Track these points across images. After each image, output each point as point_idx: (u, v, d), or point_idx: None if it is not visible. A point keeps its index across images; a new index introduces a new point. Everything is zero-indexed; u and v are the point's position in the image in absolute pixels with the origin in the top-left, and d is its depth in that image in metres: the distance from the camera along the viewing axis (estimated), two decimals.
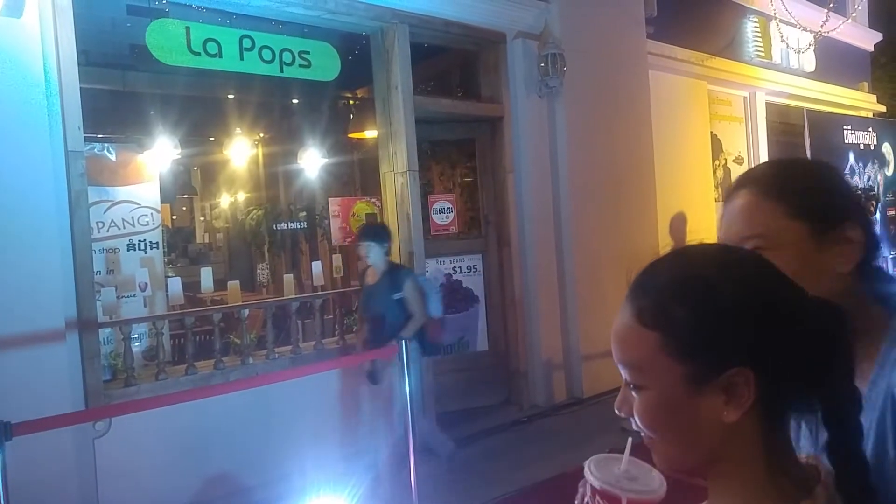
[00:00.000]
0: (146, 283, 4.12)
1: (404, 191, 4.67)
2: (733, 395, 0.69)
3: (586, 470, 0.81)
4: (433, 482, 3.90)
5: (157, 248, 4.26)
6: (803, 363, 0.69)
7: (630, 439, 0.83)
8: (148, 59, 3.87)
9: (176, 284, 4.06)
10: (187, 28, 3.84)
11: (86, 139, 3.52)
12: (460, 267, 5.32)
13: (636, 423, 0.75)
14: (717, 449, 0.72)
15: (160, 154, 4.42)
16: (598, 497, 0.78)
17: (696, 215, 7.02)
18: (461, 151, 5.50)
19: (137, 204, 4.13)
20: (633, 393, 0.74)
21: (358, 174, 6.14)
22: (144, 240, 4.17)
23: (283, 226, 6.34)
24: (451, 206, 5.28)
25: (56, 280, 3.26)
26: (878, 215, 8.64)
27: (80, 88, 3.41)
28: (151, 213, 4.20)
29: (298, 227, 6.15)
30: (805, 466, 0.74)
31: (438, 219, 5.22)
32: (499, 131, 5.33)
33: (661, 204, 6.22)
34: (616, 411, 0.78)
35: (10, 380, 3.06)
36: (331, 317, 4.83)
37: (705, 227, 7.19)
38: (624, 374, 0.75)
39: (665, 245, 6.51)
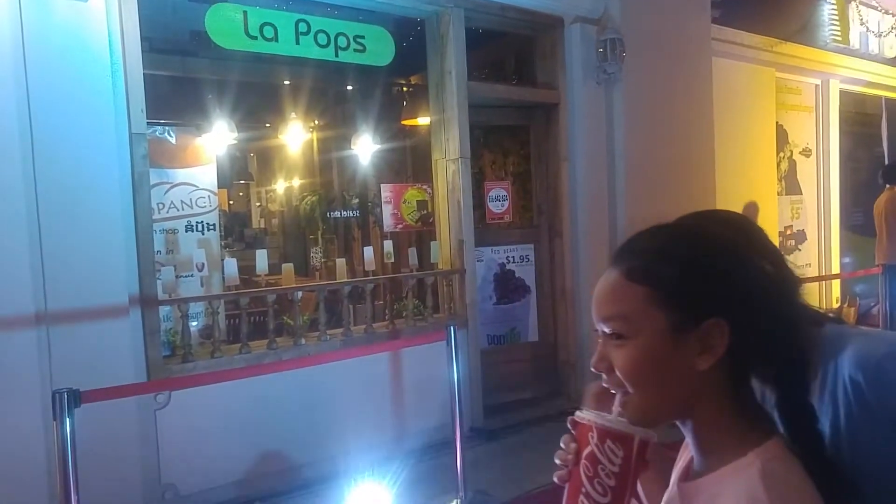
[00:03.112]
0: (203, 264, 4.22)
1: (455, 178, 4.64)
2: (708, 345, 0.78)
3: (585, 417, 0.84)
4: (478, 468, 3.90)
5: (214, 229, 4.36)
6: (767, 315, 0.79)
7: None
8: (206, 45, 3.96)
9: (231, 266, 4.14)
10: (244, 12, 3.90)
11: (147, 123, 3.61)
12: (513, 257, 5.27)
13: (617, 375, 0.81)
14: (689, 397, 0.81)
15: (217, 138, 4.52)
16: (608, 440, 0.81)
17: (757, 209, 6.79)
18: (515, 139, 5.42)
19: (196, 186, 4.24)
20: (615, 347, 0.81)
21: (410, 161, 6.14)
22: (202, 221, 4.27)
23: (336, 212, 6.42)
24: (506, 193, 5.22)
25: (120, 258, 3.39)
26: None
27: (143, 74, 3.50)
28: (209, 196, 4.30)
29: (351, 213, 6.22)
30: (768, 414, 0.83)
31: (494, 206, 5.17)
32: (554, 118, 5.23)
33: (720, 196, 6.00)
34: (592, 370, 0.85)
35: (80, 351, 3.22)
36: (381, 302, 4.87)
37: (767, 220, 6.93)
38: (607, 328, 0.82)
39: None
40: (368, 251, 4.70)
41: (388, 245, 4.83)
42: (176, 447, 3.57)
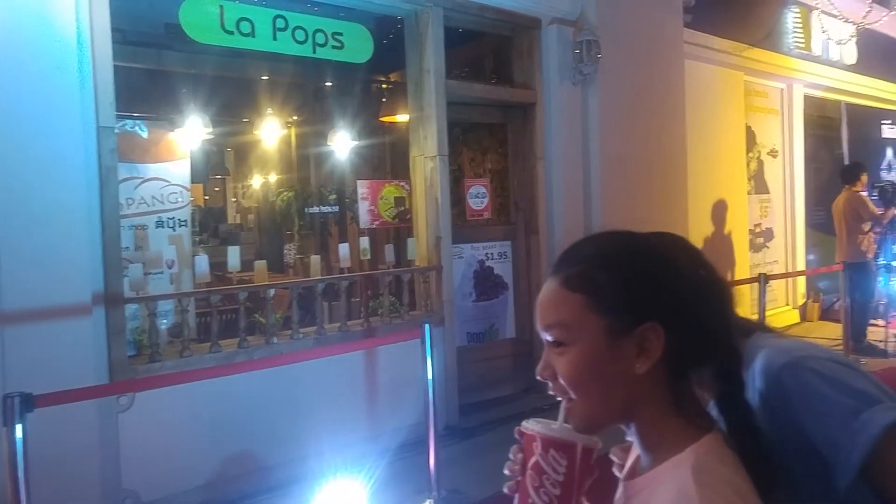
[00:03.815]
0: (173, 261, 4.14)
1: (434, 175, 4.63)
2: (644, 348, 0.81)
3: (530, 427, 0.86)
4: (452, 467, 3.89)
5: (186, 226, 4.27)
6: (700, 319, 0.83)
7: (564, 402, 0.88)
8: (181, 38, 3.87)
9: (203, 263, 4.04)
10: (221, 7, 3.82)
11: (118, 116, 3.49)
12: (492, 253, 5.29)
13: (560, 383, 0.84)
14: (631, 401, 0.83)
15: (191, 133, 4.42)
16: (551, 449, 0.83)
17: (727, 207, 6.92)
18: (493, 137, 5.43)
19: (167, 182, 4.14)
20: (557, 354, 0.84)
21: (388, 157, 6.11)
22: (173, 217, 4.18)
23: (313, 208, 6.34)
24: (485, 190, 5.24)
25: (84, 255, 3.25)
26: None
27: (114, 66, 3.38)
28: (181, 191, 4.21)
29: (328, 209, 6.16)
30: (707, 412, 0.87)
31: (474, 203, 5.18)
32: (531, 117, 5.26)
33: (692, 195, 6.11)
34: (538, 377, 0.87)
35: (36, 353, 3.06)
36: (357, 299, 4.83)
37: (737, 218, 7.06)
38: (549, 336, 0.85)
39: (701, 234, 6.43)
40: (344, 248, 4.66)
41: (365, 242, 4.79)
42: (139, 451, 3.42)
